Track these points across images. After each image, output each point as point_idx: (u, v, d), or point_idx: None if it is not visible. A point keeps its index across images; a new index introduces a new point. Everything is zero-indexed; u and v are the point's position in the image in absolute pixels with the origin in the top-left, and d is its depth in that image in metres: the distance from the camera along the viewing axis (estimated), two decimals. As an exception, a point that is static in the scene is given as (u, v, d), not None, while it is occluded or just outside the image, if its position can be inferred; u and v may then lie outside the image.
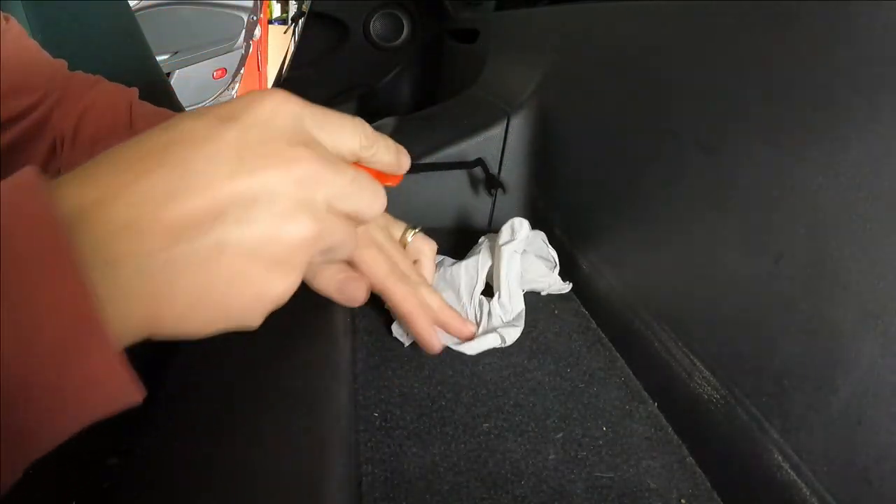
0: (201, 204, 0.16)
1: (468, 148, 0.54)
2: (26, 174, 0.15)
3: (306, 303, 0.38)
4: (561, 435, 0.30)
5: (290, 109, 0.19)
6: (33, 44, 0.40)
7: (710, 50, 0.31)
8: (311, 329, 0.33)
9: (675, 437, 0.31)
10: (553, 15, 0.56)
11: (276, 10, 2.96)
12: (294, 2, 2.92)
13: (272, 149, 0.18)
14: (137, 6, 1.63)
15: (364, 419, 0.31)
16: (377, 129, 0.23)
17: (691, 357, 0.31)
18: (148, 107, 0.42)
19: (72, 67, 0.42)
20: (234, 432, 0.25)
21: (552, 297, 0.43)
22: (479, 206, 0.56)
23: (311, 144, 0.19)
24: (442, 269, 0.40)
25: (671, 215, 0.34)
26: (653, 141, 0.36)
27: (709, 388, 0.29)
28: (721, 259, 0.29)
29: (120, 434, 0.27)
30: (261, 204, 0.17)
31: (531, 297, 0.42)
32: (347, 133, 0.21)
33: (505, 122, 0.54)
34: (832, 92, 0.23)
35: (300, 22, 1.14)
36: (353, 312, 0.38)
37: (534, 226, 0.41)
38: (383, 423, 0.30)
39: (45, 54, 0.41)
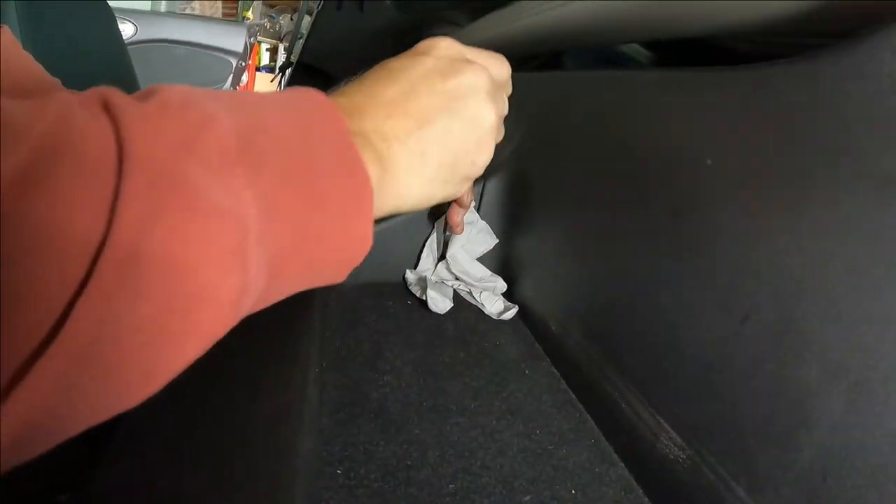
0: (431, 101, 0.24)
1: (443, 209, 0.55)
2: (313, 92, 0.22)
3: (275, 353, 0.37)
4: (529, 497, 0.30)
5: (457, 46, 0.27)
6: (28, 54, 0.41)
7: (680, 119, 0.34)
8: (278, 380, 0.32)
9: (646, 499, 0.30)
10: (531, 81, 0.60)
11: (265, 59, 3.08)
12: (283, 52, 3.05)
13: (459, 66, 0.26)
14: (131, 40, 1.67)
15: (327, 475, 0.29)
16: None
17: (657, 417, 0.31)
18: None
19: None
20: (193, 475, 0.24)
21: (523, 356, 0.43)
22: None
23: (477, 61, 0.27)
24: None
25: (640, 277, 0.35)
26: (624, 205, 0.38)
27: (675, 448, 0.29)
28: (688, 320, 0.30)
29: (70, 470, 0.25)
30: (467, 97, 0.25)
31: (501, 357, 0.42)
32: (495, 62, 0.29)
33: (481, 185, 0.56)
34: (796, 160, 0.25)
35: (287, 72, 1.18)
36: (321, 366, 0.38)
37: (507, 285, 0.42)
38: (346, 481, 0.29)
39: (40, 66, 0.42)
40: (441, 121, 0.24)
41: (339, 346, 0.40)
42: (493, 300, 0.48)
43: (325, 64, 1.13)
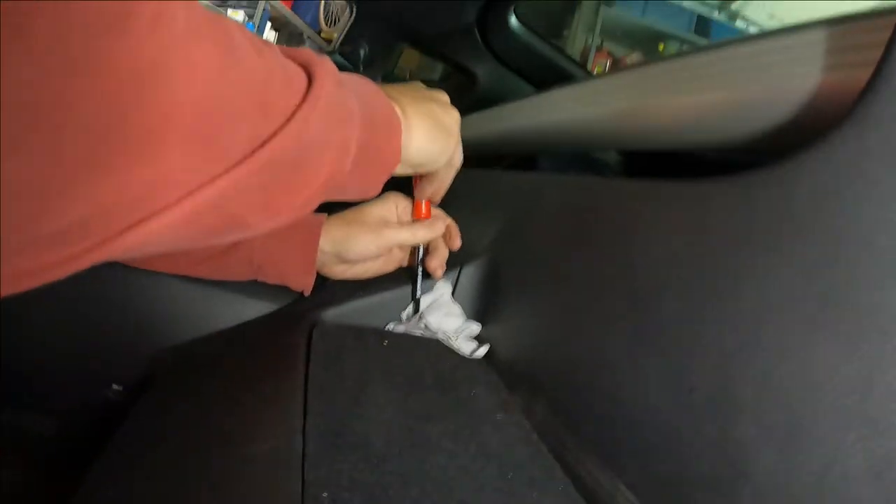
0: (422, 94, 0.45)
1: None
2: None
3: (263, 397, 0.39)
4: (505, 531, 0.31)
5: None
6: None
7: (639, 220, 0.40)
8: (266, 423, 0.34)
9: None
10: (507, 180, 0.67)
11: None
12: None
13: (451, 110, 0.46)
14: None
15: (312, 497, 0.30)
16: None
17: (615, 480, 0.34)
18: None
19: None
20: None
21: (496, 408, 0.45)
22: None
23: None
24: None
25: (601, 355, 0.40)
26: (588, 293, 0.43)
27: None
28: (644, 393, 0.35)
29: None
30: (442, 100, 0.46)
31: (477, 407, 0.44)
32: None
33: (457, 271, 0.59)
34: (736, 259, 0.31)
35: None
36: (306, 394, 0.39)
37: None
38: None
39: None
40: (430, 104, 0.43)
41: (323, 380, 0.42)
42: (467, 344, 0.52)
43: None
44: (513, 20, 1.07)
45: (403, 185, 0.53)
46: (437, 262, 0.54)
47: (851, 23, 0.32)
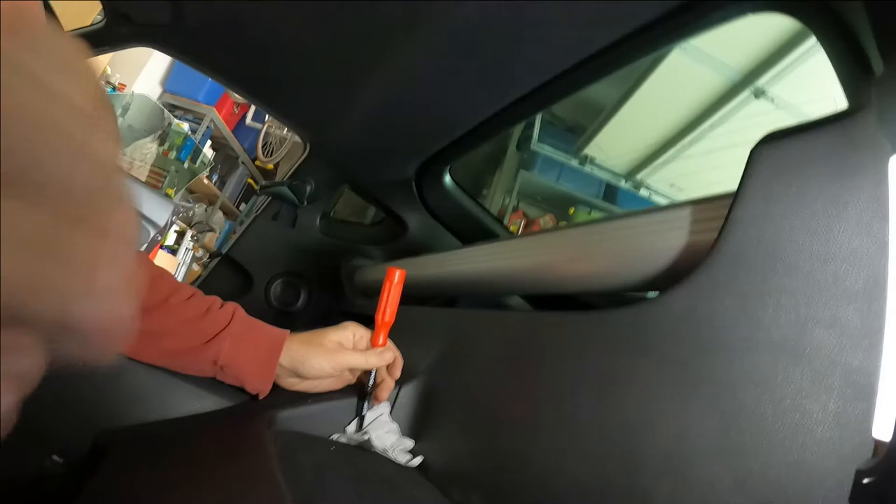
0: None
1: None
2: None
3: (226, 477, 0.44)
4: None
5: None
6: None
7: (549, 345, 0.53)
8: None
9: None
10: (440, 316, 0.79)
11: (171, 239, 3.08)
12: (189, 238, 3.10)
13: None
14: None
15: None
16: None
17: None
18: None
19: None
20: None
21: (438, 502, 0.52)
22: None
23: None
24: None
25: (525, 458, 0.49)
26: (512, 402, 0.53)
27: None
28: (565, 470, 0.44)
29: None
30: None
31: (424, 501, 0.51)
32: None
33: (396, 392, 0.66)
34: (623, 363, 0.43)
35: (216, 259, 1.28)
36: (271, 480, 0.44)
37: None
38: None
39: None
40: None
41: (283, 469, 0.47)
42: (402, 455, 0.59)
43: (250, 263, 1.27)
44: (447, 178, 1.22)
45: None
46: (384, 395, 0.62)
47: (705, 203, 0.44)
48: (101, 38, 0.99)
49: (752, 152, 0.39)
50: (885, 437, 0.30)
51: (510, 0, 0.66)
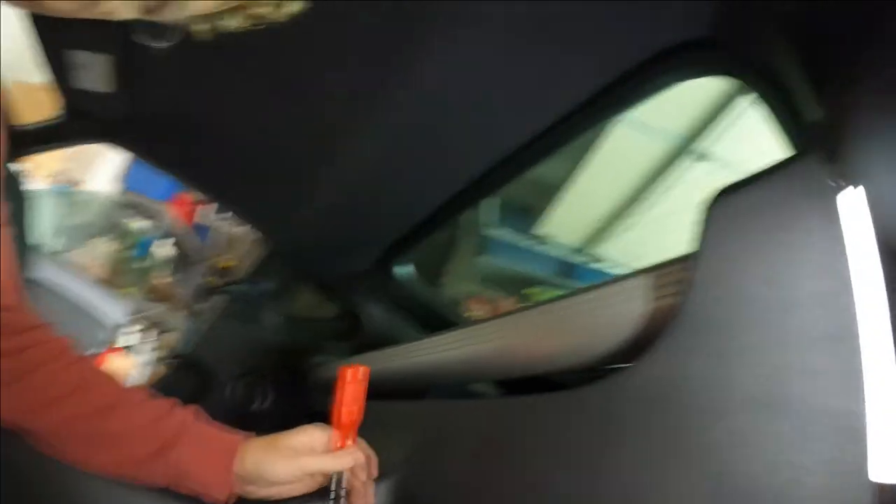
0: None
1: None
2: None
3: None
4: None
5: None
6: None
7: (519, 426, 0.53)
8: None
9: None
10: (412, 411, 0.78)
11: (130, 339, 2.96)
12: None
13: None
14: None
15: None
16: None
17: None
18: None
19: None
20: None
21: None
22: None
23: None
24: None
25: None
26: (492, 484, 0.53)
27: None
28: None
29: None
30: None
31: None
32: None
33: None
34: (597, 436, 0.44)
35: (175, 361, 1.24)
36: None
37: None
38: None
39: None
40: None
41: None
42: None
43: (210, 363, 1.24)
44: (406, 268, 1.21)
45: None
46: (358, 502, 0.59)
47: (662, 268, 0.44)
48: (61, 134, 1.01)
49: (705, 211, 0.39)
50: (887, 479, 0.28)
51: (453, 87, 0.70)
